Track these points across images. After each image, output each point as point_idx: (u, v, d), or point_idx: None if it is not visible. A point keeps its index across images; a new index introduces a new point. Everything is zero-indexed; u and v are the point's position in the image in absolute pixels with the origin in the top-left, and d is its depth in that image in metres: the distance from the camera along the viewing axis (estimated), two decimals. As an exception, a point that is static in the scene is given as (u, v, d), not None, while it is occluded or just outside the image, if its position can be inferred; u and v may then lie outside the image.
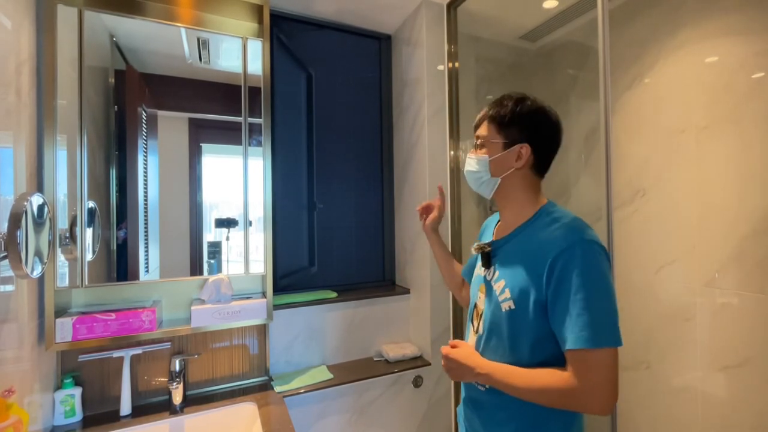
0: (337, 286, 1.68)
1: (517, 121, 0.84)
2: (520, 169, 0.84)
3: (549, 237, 0.76)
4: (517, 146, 0.83)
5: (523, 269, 0.78)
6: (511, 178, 0.85)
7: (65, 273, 1.05)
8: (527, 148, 0.82)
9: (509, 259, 0.83)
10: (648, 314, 1.48)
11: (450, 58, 1.59)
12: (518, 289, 0.78)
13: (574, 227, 0.75)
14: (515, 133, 0.83)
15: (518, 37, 1.92)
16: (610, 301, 0.71)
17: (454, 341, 0.89)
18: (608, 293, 0.71)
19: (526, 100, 0.86)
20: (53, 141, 1.01)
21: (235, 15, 1.30)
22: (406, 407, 1.61)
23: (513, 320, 0.79)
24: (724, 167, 1.26)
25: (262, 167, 1.30)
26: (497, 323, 0.82)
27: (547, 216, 0.82)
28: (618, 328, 0.70)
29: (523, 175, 0.84)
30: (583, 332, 0.68)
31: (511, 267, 0.82)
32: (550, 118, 0.85)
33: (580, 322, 0.68)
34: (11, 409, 0.72)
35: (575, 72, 1.83)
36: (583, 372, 0.69)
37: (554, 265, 0.72)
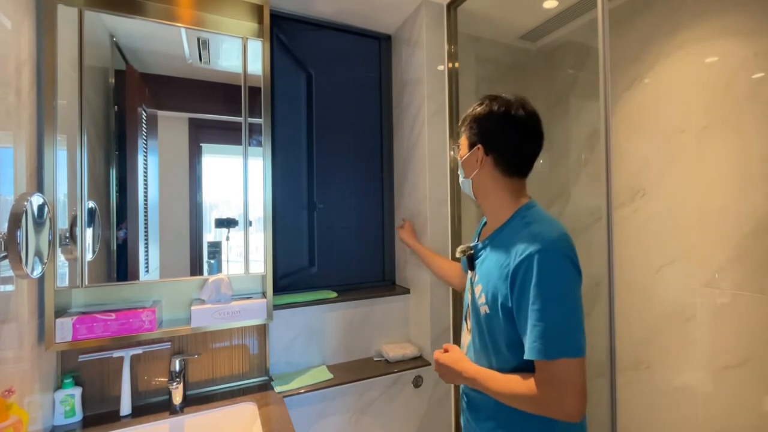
0: (337, 286, 1.68)
1: (474, 123, 0.87)
2: (483, 170, 0.85)
3: (515, 244, 0.77)
4: (475, 148, 0.86)
5: (494, 275, 0.80)
6: (479, 178, 0.87)
7: (65, 273, 1.05)
8: (481, 150, 0.85)
9: (485, 264, 0.85)
10: (648, 314, 1.48)
11: (450, 58, 1.59)
12: (491, 295, 0.80)
13: (536, 234, 0.74)
14: (474, 135, 0.86)
15: (518, 37, 1.92)
16: (568, 311, 0.70)
17: (446, 345, 0.93)
18: (565, 303, 0.70)
19: (483, 103, 0.87)
20: (53, 141, 1.01)
21: (235, 15, 1.30)
22: (406, 407, 1.61)
23: (489, 323, 0.81)
24: (724, 167, 1.26)
25: (262, 167, 1.30)
26: (479, 325, 0.85)
27: (520, 220, 0.82)
28: (576, 337, 0.69)
29: (491, 176, 0.86)
30: (535, 343, 0.69)
31: (486, 271, 0.83)
32: (508, 119, 0.83)
33: (534, 334, 0.69)
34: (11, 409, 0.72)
35: (575, 72, 1.83)
36: (542, 381, 0.70)
37: (516, 274, 0.73)
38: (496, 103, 0.85)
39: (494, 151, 0.84)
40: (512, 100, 0.85)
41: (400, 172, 1.79)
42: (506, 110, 0.84)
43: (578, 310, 0.71)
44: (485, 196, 0.89)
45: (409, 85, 1.68)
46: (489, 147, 0.85)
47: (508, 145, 0.84)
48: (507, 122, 0.83)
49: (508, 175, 0.86)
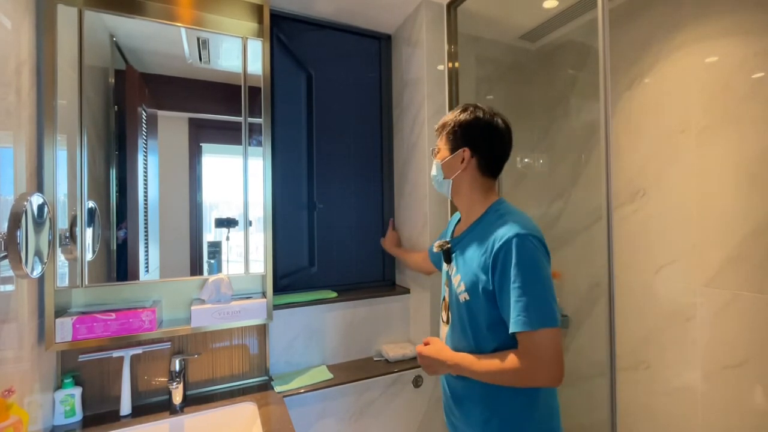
0: (337, 286, 1.68)
1: (458, 128, 0.95)
2: (465, 171, 0.95)
3: (493, 233, 0.86)
4: (460, 150, 0.95)
5: (474, 263, 0.88)
6: (460, 179, 0.97)
7: (65, 273, 1.05)
8: (468, 152, 0.94)
9: (464, 255, 0.93)
10: (648, 314, 1.48)
11: (450, 58, 1.59)
12: (470, 282, 0.88)
13: (511, 223, 0.85)
14: (458, 140, 0.95)
15: (518, 37, 1.92)
16: (544, 287, 0.80)
17: (427, 339, 1.00)
18: (541, 280, 0.80)
19: (467, 110, 0.96)
20: (53, 141, 1.01)
21: (235, 15, 1.30)
22: (406, 407, 1.61)
23: (469, 310, 0.90)
24: (724, 167, 1.26)
25: (262, 167, 1.30)
26: (459, 314, 0.93)
27: (494, 213, 0.92)
28: (553, 310, 0.79)
29: (471, 176, 0.96)
30: (520, 317, 0.78)
31: (465, 262, 0.92)
32: (492, 126, 0.94)
33: (517, 308, 0.78)
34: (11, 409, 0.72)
35: (575, 72, 1.83)
36: (526, 351, 0.79)
37: (496, 259, 0.82)
38: (480, 111, 0.95)
39: (478, 154, 0.94)
40: (493, 111, 0.97)
41: (400, 172, 1.79)
42: (491, 118, 0.95)
43: (551, 286, 0.81)
44: (463, 194, 0.98)
45: (409, 85, 1.68)
46: (474, 150, 0.94)
47: (493, 148, 0.95)
48: (491, 129, 0.94)
49: (485, 175, 0.96)
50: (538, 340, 0.78)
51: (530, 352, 0.79)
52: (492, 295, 0.84)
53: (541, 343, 0.78)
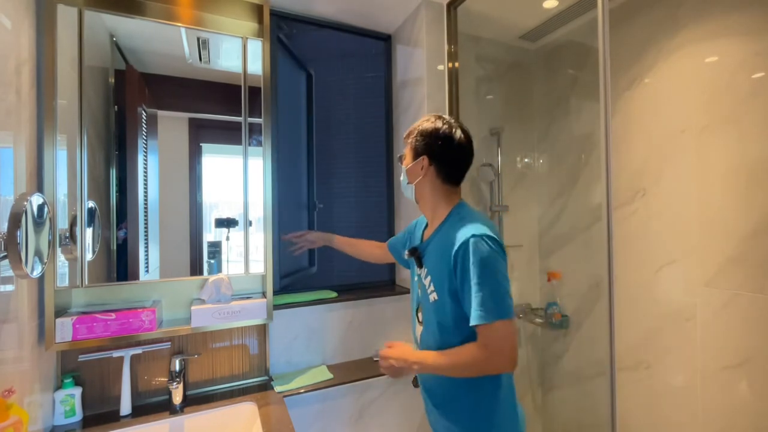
0: (337, 286, 1.68)
1: (419, 137, 1.02)
2: (426, 177, 1.01)
3: (454, 235, 0.91)
4: (420, 158, 1.01)
5: (440, 264, 0.94)
6: (421, 185, 1.03)
7: (65, 273, 1.05)
8: (426, 160, 1.00)
9: (432, 257, 0.99)
10: (648, 314, 1.48)
11: (450, 58, 1.59)
12: (438, 283, 0.95)
13: (469, 225, 0.91)
14: (418, 148, 1.01)
15: (518, 37, 1.92)
16: (499, 282, 0.86)
17: (389, 342, 1.03)
18: (496, 276, 0.86)
19: (429, 120, 1.02)
20: (53, 141, 1.01)
21: (235, 15, 1.30)
22: (405, 407, 1.61)
23: (438, 309, 0.96)
24: (724, 167, 1.26)
25: (262, 167, 1.30)
26: (431, 314, 0.99)
27: (455, 216, 0.98)
28: (506, 303, 0.85)
29: (431, 183, 1.01)
30: (477, 311, 0.84)
31: (433, 264, 0.98)
32: (449, 137, 0.99)
33: (475, 303, 0.85)
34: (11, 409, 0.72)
35: (575, 72, 1.83)
36: (484, 342, 0.85)
37: (456, 259, 0.89)
38: (440, 122, 1.01)
39: (436, 162, 0.99)
40: (453, 122, 1.01)
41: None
42: (449, 129, 0.99)
43: (506, 281, 0.87)
44: (426, 199, 1.04)
45: (409, 85, 1.68)
46: (432, 158, 0.99)
47: (448, 158, 1.00)
48: (448, 139, 0.99)
49: (446, 182, 1.01)
50: (494, 331, 0.84)
51: (488, 343, 0.85)
52: (455, 293, 0.90)
53: (497, 334, 0.84)
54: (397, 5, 1.60)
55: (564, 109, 1.88)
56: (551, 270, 1.88)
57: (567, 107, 1.87)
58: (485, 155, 1.88)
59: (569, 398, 1.84)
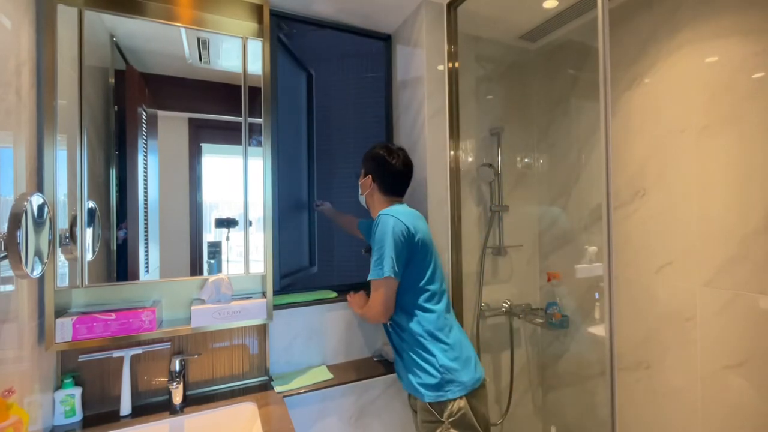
0: (337, 286, 1.67)
1: (364, 160, 1.38)
2: (372, 190, 1.35)
3: None
4: (367, 177, 1.35)
5: None
6: (369, 196, 1.38)
7: (65, 273, 1.05)
8: (369, 178, 1.35)
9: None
10: (648, 314, 1.48)
11: (450, 58, 1.59)
12: None
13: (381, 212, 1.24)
14: (366, 168, 1.37)
15: (518, 37, 1.92)
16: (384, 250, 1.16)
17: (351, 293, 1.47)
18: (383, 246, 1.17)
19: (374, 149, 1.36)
20: (53, 141, 1.01)
21: (235, 15, 1.30)
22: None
23: None
24: (724, 167, 1.26)
25: (262, 167, 1.30)
26: None
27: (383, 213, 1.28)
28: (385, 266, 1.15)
29: (377, 194, 1.35)
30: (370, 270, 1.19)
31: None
32: (384, 160, 1.32)
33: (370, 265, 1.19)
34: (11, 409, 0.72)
35: (575, 72, 1.83)
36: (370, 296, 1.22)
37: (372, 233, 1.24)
38: (382, 149, 1.34)
39: (378, 179, 1.34)
40: (394, 149, 1.35)
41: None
42: (384, 155, 1.33)
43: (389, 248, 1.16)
44: (371, 206, 1.39)
45: (409, 85, 1.68)
46: (374, 176, 1.34)
47: (386, 176, 1.33)
48: (383, 162, 1.33)
49: (388, 194, 1.34)
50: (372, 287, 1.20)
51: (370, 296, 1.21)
52: None
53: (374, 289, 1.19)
54: (397, 5, 1.60)
55: (564, 109, 1.88)
56: (551, 270, 1.88)
57: (567, 107, 1.87)
58: (485, 155, 1.88)
59: (569, 398, 1.84)
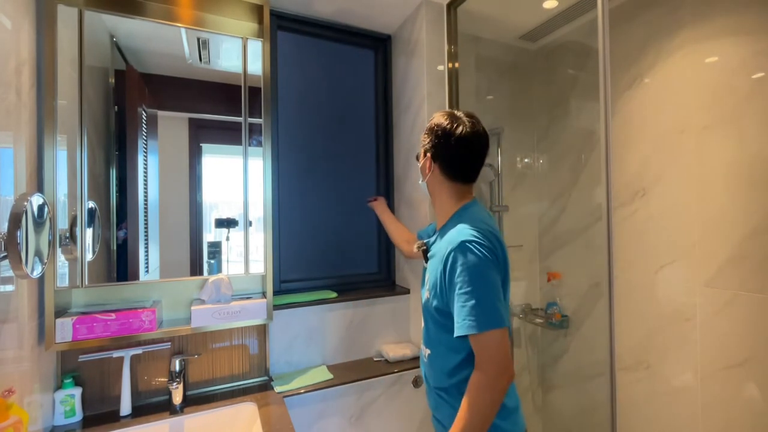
0: (337, 286, 1.68)
1: (426, 134, 1.00)
2: (434, 175, 0.99)
3: (450, 238, 0.89)
4: (427, 156, 0.99)
5: (437, 265, 0.92)
6: (431, 183, 1.01)
7: (65, 273, 1.05)
8: (430, 158, 0.98)
9: (433, 257, 0.98)
10: (648, 314, 1.48)
11: (450, 58, 1.59)
12: (432, 282, 0.94)
13: (462, 229, 0.88)
14: (426, 145, 1.00)
15: (518, 37, 1.92)
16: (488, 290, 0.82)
17: None
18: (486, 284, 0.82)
19: (435, 118, 0.99)
20: (53, 141, 1.01)
21: (235, 15, 1.30)
22: (406, 407, 1.61)
23: (429, 308, 0.96)
24: (724, 167, 1.26)
25: (262, 167, 1.30)
26: (424, 311, 1.01)
27: (458, 217, 0.95)
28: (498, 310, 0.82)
29: (438, 181, 0.99)
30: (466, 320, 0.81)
31: (432, 264, 0.97)
32: (449, 133, 0.94)
33: (463, 313, 0.81)
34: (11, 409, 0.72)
35: (575, 72, 1.83)
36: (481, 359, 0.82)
37: (446, 264, 0.87)
38: (447, 119, 0.96)
39: (441, 160, 0.97)
40: (463, 117, 0.96)
41: (400, 172, 1.79)
42: (451, 126, 0.95)
43: (497, 289, 0.84)
44: (435, 197, 1.03)
45: (409, 85, 1.68)
46: (436, 156, 0.97)
47: (453, 155, 0.96)
48: (448, 136, 0.94)
49: (453, 180, 0.98)
50: (484, 340, 0.81)
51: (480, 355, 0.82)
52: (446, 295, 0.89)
53: (487, 344, 0.81)
54: (397, 5, 1.60)
55: (564, 109, 1.88)
56: (551, 270, 1.88)
57: (567, 107, 1.87)
58: (485, 155, 1.88)
59: (569, 398, 1.84)
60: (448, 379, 0.92)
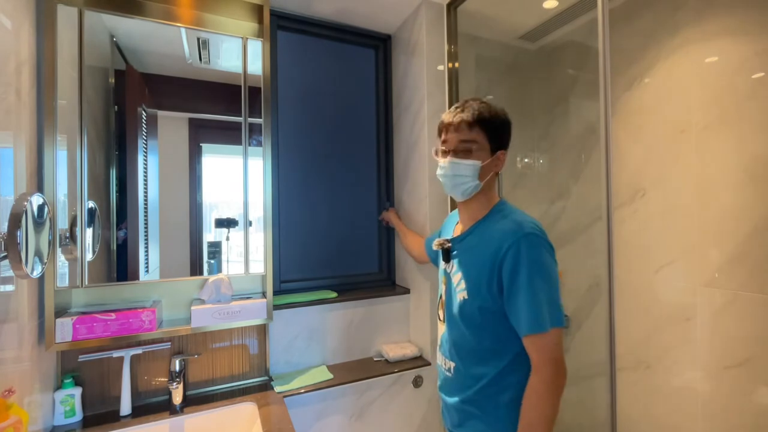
0: (337, 286, 1.68)
1: (502, 128, 0.90)
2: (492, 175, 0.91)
3: (500, 232, 0.84)
4: (499, 152, 0.91)
5: (478, 261, 0.86)
6: (486, 183, 0.91)
7: (65, 273, 1.05)
8: (504, 155, 0.91)
9: (467, 254, 0.91)
10: (648, 314, 1.48)
11: (450, 58, 1.59)
12: (472, 281, 0.86)
13: (519, 223, 0.84)
14: (500, 139, 0.90)
15: (518, 37, 1.92)
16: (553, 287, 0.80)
17: None
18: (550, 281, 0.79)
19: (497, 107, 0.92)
20: (53, 141, 1.01)
21: (235, 15, 1.30)
22: (406, 407, 1.61)
23: (464, 308, 0.88)
24: (724, 167, 1.26)
25: (262, 167, 1.30)
26: (455, 312, 0.91)
27: (498, 213, 0.91)
28: (561, 310, 0.80)
29: (492, 180, 0.92)
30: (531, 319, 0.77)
31: (467, 260, 0.90)
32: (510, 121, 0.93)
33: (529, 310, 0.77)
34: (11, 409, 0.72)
35: (575, 72, 1.83)
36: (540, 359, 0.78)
37: (505, 258, 0.80)
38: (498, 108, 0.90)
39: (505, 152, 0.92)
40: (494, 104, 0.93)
41: (400, 172, 1.79)
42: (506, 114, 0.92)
43: (558, 286, 0.81)
44: (482, 195, 0.93)
45: (409, 85, 1.68)
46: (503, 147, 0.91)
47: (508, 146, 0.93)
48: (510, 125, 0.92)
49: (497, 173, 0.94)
50: (546, 341, 0.77)
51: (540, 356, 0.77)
52: (495, 293, 0.82)
53: (548, 344, 0.77)
54: (397, 5, 1.60)
55: (564, 109, 1.88)
56: (554, 269, 1.88)
57: (567, 107, 1.87)
58: (485, 155, 1.88)
59: (569, 398, 1.83)
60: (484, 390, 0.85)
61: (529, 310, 0.77)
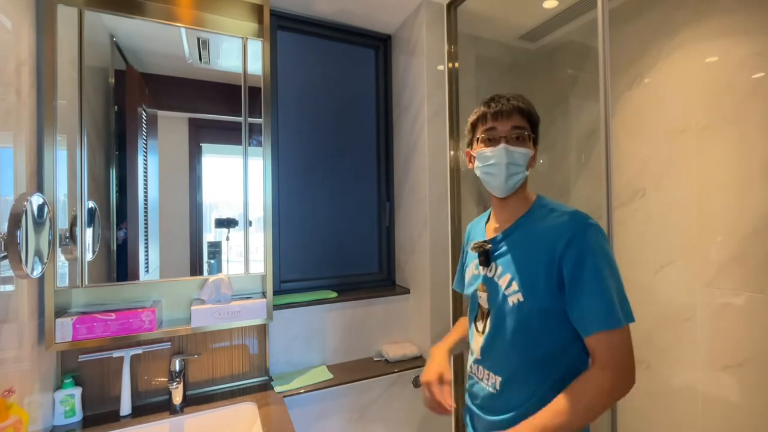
0: (337, 286, 1.68)
1: (538, 121, 0.88)
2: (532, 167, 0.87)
3: (554, 225, 0.78)
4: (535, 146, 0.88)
5: (530, 259, 0.79)
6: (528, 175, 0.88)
7: (65, 273, 1.05)
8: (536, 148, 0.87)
9: (512, 253, 0.83)
10: (648, 314, 1.48)
11: (450, 58, 1.59)
12: (526, 280, 0.78)
13: (575, 213, 0.79)
14: (536, 133, 0.88)
15: (518, 37, 1.92)
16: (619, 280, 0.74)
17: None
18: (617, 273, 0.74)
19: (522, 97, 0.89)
20: (53, 141, 1.01)
21: (235, 15, 1.30)
22: (406, 407, 1.61)
23: (522, 312, 0.78)
24: (725, 167, 1.26)
25: (262, 167, 1.30)
26: (503, 318, 0.82)
27: (542, 208, 0.85)
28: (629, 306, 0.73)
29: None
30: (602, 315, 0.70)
31: (515, 260, 0.82)
32: None
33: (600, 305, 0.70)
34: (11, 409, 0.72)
35: (575, 72, 1.83)
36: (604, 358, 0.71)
37: (566, 251, 0.73)
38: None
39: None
40: None
41: (400, 172, 1.79)
42: None
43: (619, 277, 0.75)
44: (522, 190, 0.89)
45: (409, 85, 1.68)
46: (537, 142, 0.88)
47: None
48: None
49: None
50: (620, 339, 0.70)
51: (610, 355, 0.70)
52: (555, 291, 0.75)
53: (622, 343, 0.71)
54: (397, 5, 1.60)
55: (564, 109, 1.88)
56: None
57: (567, 107, 1.87)
58: (485, 155, 1.87)
59: (569, 398, 1.83)
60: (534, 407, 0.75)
61: (602, 304, 0.69)
